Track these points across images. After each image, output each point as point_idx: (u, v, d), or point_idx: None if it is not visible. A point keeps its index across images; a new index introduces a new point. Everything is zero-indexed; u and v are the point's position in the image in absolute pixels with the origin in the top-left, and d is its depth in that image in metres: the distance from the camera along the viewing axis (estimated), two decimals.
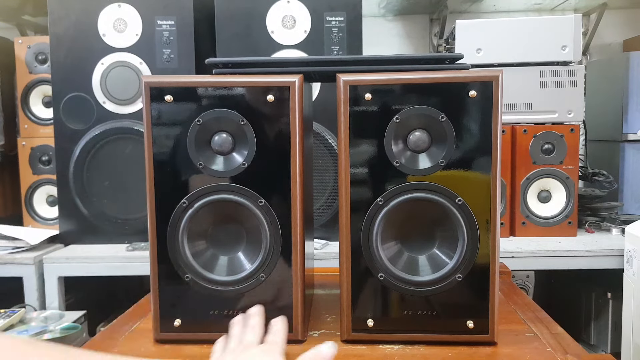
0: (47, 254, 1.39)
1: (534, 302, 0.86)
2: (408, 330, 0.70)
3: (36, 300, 1.36)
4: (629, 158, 1.62)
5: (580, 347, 0.68)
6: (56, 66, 1.47)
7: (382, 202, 0.68)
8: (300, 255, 0.70)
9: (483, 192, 0.67)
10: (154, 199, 0.70)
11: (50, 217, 1.62)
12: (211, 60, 0.73)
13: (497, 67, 1.48)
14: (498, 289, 0.69)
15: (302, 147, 0.69)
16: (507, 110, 1.48)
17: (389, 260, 0.69)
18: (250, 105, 0.68)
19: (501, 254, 0.98)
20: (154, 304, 0.71)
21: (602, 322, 1.53)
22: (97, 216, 1.47)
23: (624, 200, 1.62)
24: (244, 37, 1.42)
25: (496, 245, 0.68)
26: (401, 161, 0.68)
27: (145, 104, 0.69)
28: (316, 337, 0.73)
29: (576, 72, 1.48)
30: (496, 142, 0.67)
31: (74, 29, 1.45)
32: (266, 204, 0.69)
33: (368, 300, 0.70)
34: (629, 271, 1.25)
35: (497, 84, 0.66)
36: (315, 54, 1.40)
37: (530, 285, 1.57)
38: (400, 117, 0.67)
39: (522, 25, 1.49)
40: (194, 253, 0.70)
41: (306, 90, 0.74)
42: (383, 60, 0.72)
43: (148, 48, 1.45)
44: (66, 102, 1.47)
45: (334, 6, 1.40)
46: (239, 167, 0.69)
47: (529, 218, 1.47)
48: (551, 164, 1.45)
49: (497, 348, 0.69)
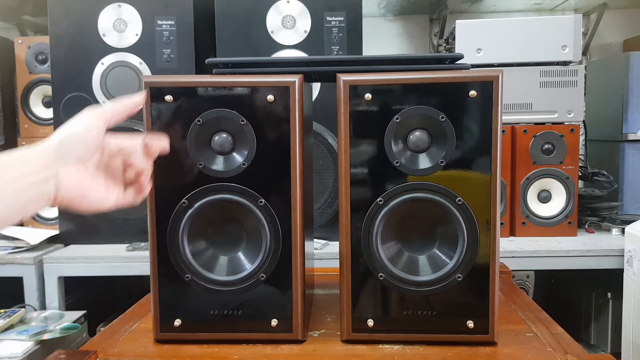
0: (47, 254, 1.38)
1: (534, 302, 0.86)
2: (408, 330, 0.70)
3: (36, 300, 1.36)
4: (629, 158, 1.62)
5: (580, 347, 0.68)
6: (56, 66, 1.46)
7: (382, 202, 0.68)
8: (300, 255, 0.70)
9: (483, 192, 0.67)
10: (154, 199, 0.70)
11: (50, 217, 1.62)
12: (211, 60, 0.73)
13: (497, 67, 1.48)
14: (498, 289, 0.69)
15: (302, 147, 0.69)
16: (507, 110, 1.48)
17: (389, 260, 0.69)
18: (250, 105, 0.68)
19: (501, 254, 0.98)
20: (154, 304, 0.71)
21: (602, 322, 1.53)
22: (97, 216, 1.47)
23: (624, 200, 1.62)
24: (244, 37, 1.42)
25: (496, 245, 0.68)
26: (401, 161, 0.68)
27: (145, 104, 0.69)
28: (316, 337, 0.73)
29: (576, 72, 1.48)
30: (496, 142, 0.67)
31: (74, 29, 1.45)
32: (266, 204, 0.69)
33: (368, 300, 0.70)
34: (629, 271, 1.25)
35: (497, 84, 0.66)
36: (315, 54, 1.40)
37: (530, 285, 1.57)
38: (400, 117, 0.67)
39: (522, 25, 1.49)
40: (194, 253, 0.70)
41: (306, 90, 0.74)
42: (383, 60, 0.72)
43: (148, 48, 1.45)
44: (66, 102, 1.47)
45: (334, 6, 1.40)
46: (239, 167, 0.69)
47: (529, 218, 1.47)
48: (551, 164, 1.45)
49: (497, 348, 0.69)
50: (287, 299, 0.70)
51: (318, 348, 0.70)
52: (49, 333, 1.19)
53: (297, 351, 0.69)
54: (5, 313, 1.23)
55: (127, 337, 0.75)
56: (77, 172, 0.54)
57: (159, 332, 0.72)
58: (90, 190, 0.55)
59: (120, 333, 0.76)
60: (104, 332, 0.77)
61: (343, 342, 0.71)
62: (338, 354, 0.68)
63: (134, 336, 0.75)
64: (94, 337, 0.75)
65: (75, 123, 0.55)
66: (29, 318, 1.27)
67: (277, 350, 0.69)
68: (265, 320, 0.71)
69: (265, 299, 0.70)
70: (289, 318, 0.70)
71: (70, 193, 0.53)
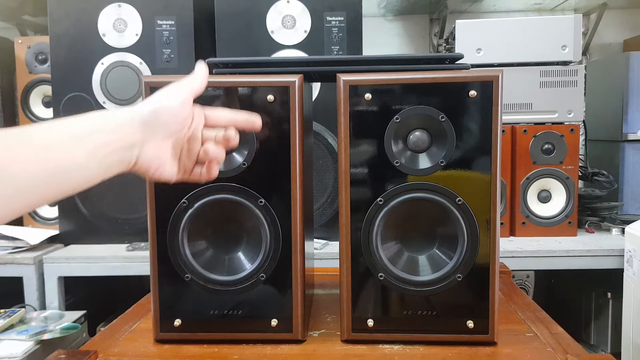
0: (47, 254, 1.38)
1: (534, 302, 0.86)
2: (408, 330, 0.70)
3: (36, 300, 1.36)
4: (629, 158, 1.62)
5: (580, 347, 0.68)
6: (56, 66, 1.46)
7: (382, 202, 0.68)
8: (300, 255, 0.70)
9: (483, 192, 0.67)
10: (154, 199, 0.70)
11: (50, 217, 1.62)
12: (211, 60, 0.73)
13: (497, 67, 1.48)
14: (498, 289, 0.69)
15: (302, 147, 0.69)
16: (507, 110, 1.48)
17: (389, 260, 0.69)
18: (250, 105, 0.68)
19: (501, 254, 0.98)
20: (154, 304, 0.71)
21: (602, 322, 1.53)
22: (97, 216, 1.47)
23: (624, 200, 1.62)
24: (244, 37, 1.42)
25: (496, 245, 0.68)
26: (401, 161, 0.68)
27: None
28: (316, 337, 0.73)
29: (576, 72, 1.48)
30: (496, 142, 0.67)
31: (74, 29, 1.45)
32: (266, 204, 0.69)
33: (368, 300, 0.70)
34: (629, 271, 1.25)
35: (497, 84, 0.66)
36: (315, 54, 1.40)
37: (530, 285, 1.57)
38: (400, 117, 0.67)
39: (522, 25, 1.49)
40: (194, 253, 0.70)
41: (306, 90, 0.74)
42: (383, 60, 0.72)
43: (148, 48, 1.45)
44: (66, 102, 1.47)
45: (334, 6, 1.40)
46: (239, 167, 0.69)
47: (529, 218, 1.47)
48: (551, 164, 1.45)
49: (497, 348, 0.69)
50: (287, 299, 0.70)
51: (318, 348, 0.70)
52: (49, 333, 1.19)
53: (297, 351, 0.69)
54: (5, 313, 1.23)
55: (127, 337, 0.75)
56: (162, 144, 0.54)
57: (159, 332, 0.72)
58: (166, 163, 0.55)
59: (120, 333, 0.76)
60: (104, 332, 0.77)
61: (343, 342, 0.71)
62: (338, 354, 0.68)
63: (134, 336, 0.75)
64: (94, 337, 0.75)
65: (169, 95, 0.55)
66: (29, 318, 1.27)
67: (277, 350, 0.69)
68: (265, 320, 0.71)
69: (265, 299, 0.70)
70: (289, 318, 0.70)
71: (149, 163, 0.53)
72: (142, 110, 0.53)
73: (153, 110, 0.53)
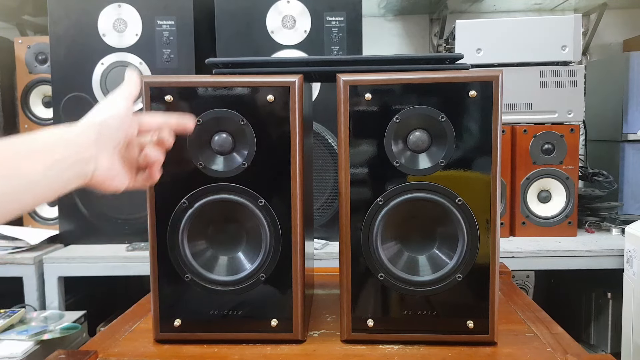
0: (47, 254, 1.38)
1: (534, 302, 0.86)
2: (408, 330, 0.70)
3: (36, 300, 1.36)
4: (629, 158, 1.62)
5: (580, 347, 0.68)
6: (56, 66, 1.46)
7: (382, 202, 0.68)
8: (300, 255, 0.70)
9: (483, 192, 0.67)
10: (154, 199, 0.70)
11: (50, 217, 1.62)
12: (211, 60, 0.73)
13: (497, 67, 1.48)
14: (498, 289, 0.69)
15: (302, 147, 0.69)
16: (507, 110, 1.48)
17: (389, 260, 0.69)
18: (250, 105, 0.68)
19: (501, 254, 0.98)
20: (154, 304, 0.71)
21: (602, 322, 1.53)
22: (97, 216, 1.47)
23: (624, 200, 1.61)
24: (244, 37, 1.42)
25: (496, 245, 0.68)
26: (401, 161, 0.68)
27: (145, 104, 0.69)
28: (316, 337, 0.73)
29: (576, 72, 1.48)
30: (496, 142, 0.67)
31: (74, 29, 1.45)
32: (266, 204, 0.69)
33: (368, 300, 0.70)
34: (629, 271, 1.25)
35: (497, 84, 0.66)
36: (315, 54, 1.40)
37: (530, 285, 1.57)
38: (400, 117, 0.67)
39: (522, 25, 1.49)
40: (194, 253, 0.70)
41: (306, 90, 0.74)
42: (383, 60, 0.72)
43: (148, 48, 1.45)
44: (66, 102, 1.47)
45: (334, 6, 1.40)
46: (239, 167, 0.69)
47: (529, 218, 1.47)
48: (551, 164, 1.45)
49: (497, 348, 0.69)
50: (287, 299, 0.70)
51: (318, 348, 0.70)
52: (49, 333, 1.19)
53: (297, 351, 0.69)
54: (5, 313, 1.23)
55: (127, 337, 0.75)
56: (113, 154, 0.55)
57: (159, 332, 0.72)
58: (119, 173, 0.56)
59: (120, 333, 0.76)
60: (104, 332, 0.77)
61: (343, 342, 0.71)
62: (338, 354, 0.68)
63: (134, 336, 0.75)
64: (94, 337, 0.75)
65: (112, 104, 0.56)
66: (29, 318, 1.27)
67: (277, 350, 0.69)
68: (265, 320, 0.71)
69: (265, 299, 0.70)
70: (289, 318, 0.70)
71: (104, 174, 0.54)
72: (93, 123, 0.53)
73: (103, 122, 0.54)
